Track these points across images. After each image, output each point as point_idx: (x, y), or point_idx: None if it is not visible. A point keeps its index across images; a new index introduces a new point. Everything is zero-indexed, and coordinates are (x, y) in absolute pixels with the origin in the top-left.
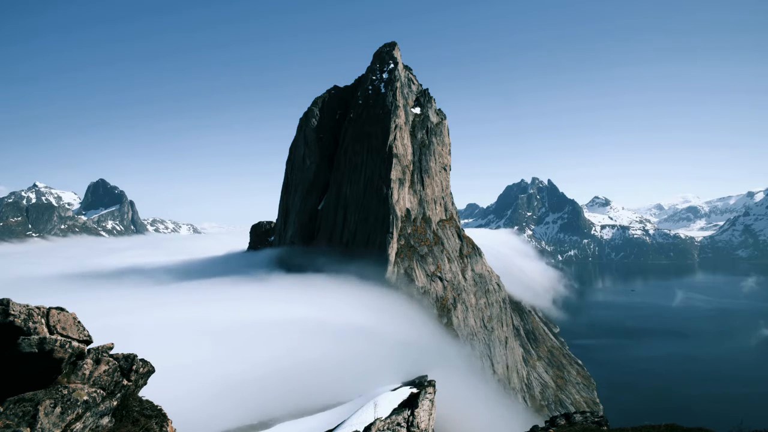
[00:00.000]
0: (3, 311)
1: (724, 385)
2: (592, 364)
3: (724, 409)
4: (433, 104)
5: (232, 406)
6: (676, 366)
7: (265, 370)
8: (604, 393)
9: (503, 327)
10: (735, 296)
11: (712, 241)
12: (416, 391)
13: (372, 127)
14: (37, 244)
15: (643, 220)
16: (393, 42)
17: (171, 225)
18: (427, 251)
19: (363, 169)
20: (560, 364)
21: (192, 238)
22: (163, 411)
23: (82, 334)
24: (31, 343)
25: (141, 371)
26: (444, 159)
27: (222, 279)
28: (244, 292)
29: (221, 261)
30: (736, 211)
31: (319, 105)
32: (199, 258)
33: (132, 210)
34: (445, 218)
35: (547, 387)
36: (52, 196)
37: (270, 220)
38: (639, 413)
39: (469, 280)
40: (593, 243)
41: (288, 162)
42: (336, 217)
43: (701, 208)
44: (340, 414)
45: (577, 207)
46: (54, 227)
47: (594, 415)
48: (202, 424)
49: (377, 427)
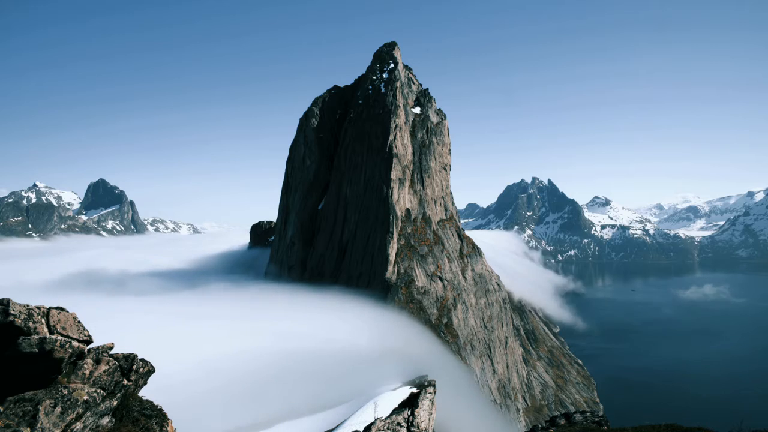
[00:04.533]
0: (3, 311)
1: (724, 385)
2: (592, 363)
3: (724, 409)
4: (433, 104)
5: (232, 405)
6: (676, 366)
7: (265, 371)
8: (604, 393)
9: (503, 327)
10: (735, 296)
11: (712, 240)
12: (416, 391)
13: (372, 127)
14: (38, 243)
15: (643, 219)
16: (393, 42)
17: (171, 225)
18: (427, 251)
19: (363, 169)
20: (560, 363)
21: (192, 238)
22: (163, 411)
23: (82, 334)
24: (31, 343)
25: (141, 371)
26: (444, 159)
27: (221, 283)
28: (244, 294)
29: (221, 262)
30: (736, 210)
31: (320, 105)
32: (199, 258)
33: (132, 210)
34: (445, 218)
35: (547, 387)
36: (52, 196)
37: (270, 220)
38: (639, 413)
39: (469, 279)
40: (593, 243)
41: (288, 162)
42: (336, 216)
43: (701, 208)
44: (340, 414)
45: (577, 207)
46: (54, 227)
47: (594, 415)
48: (202, 424)
49: (377, 427)
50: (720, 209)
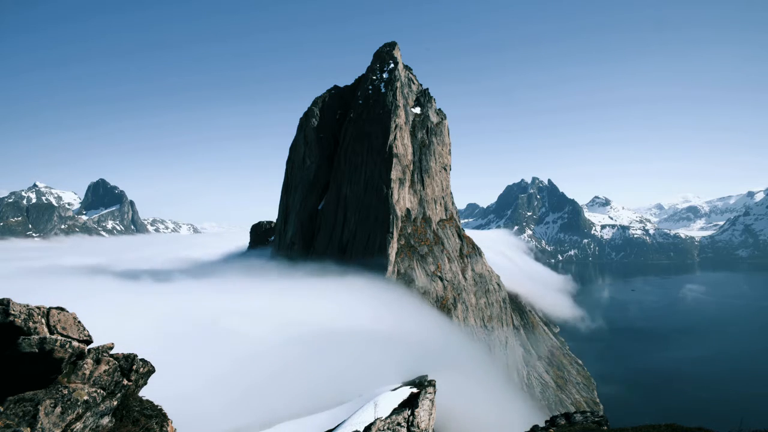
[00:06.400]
0: (3, 311)
1: (724, 385)
2: (592, 363)
3: (724, 409)
4: (433, 104)
5: (232, 405)
6: (676, 366)
7: (265, 370)
8: (604, 393)
9: (503, 327)
10: (735, 296)
11: (712, 240)
12: (416, 391)
13: (372, 127)
14: (38, 243)
15: (643, 219)
16: (393, 42)
17: (171, 225)
18: (427, 251)
19: (363, 169)
20: (560, 364)
21: (192, 238)
22: (164, 411)
23: (82, 334)
24: (31, 343)
25: (141, 371)
26: (444, 159)
27: (220, 279)
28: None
29: (221, 261)
30: (736, 210)
31: (320, 105)
32: (200, 258)
33: (132, 210)
34: (445, 218)
35: (548, 387)
36: (52, 196)
37: (270, 220)
38: (639, 413)
39: (469, 279)
40: (593, 243)
41: (288, 162)
42: (336, 217)
43: (701, 208)
44: (340, 414)
45: (577, 207)
46: (54, 227)
47: (594, 415)
48: (202, 424)
49: (377, 427)
50: (720, 209)
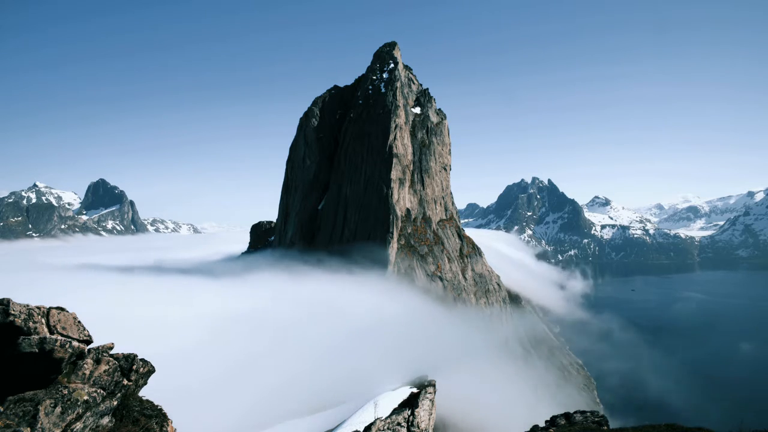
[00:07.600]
0: (3, 311)
1: (724, 385)
2: (592, 363)
3: (724, 409)
4: (433, 104)
5: (232, 405)
6: (676, 366)
7: (264, 370)
8: (604, 393)
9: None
10: (735, 296)
11: (713, 240)
12: (416, 391)
13: (372, 127)
14: (39, 243)
15: (643, 219)
16: (393, 42)
17: (171, 225)
18: (427, 251)
19: (363, 169)
20: (560, 364)
21: (192, 238)
22: (164, 411)
23: (82, 334)
24: (31, 343)
25: (141, 371)
26: (444, 159)
27: (221, 279)
28: (244, 291)
29: (221, 261)
30: (736, 210)
31: (320, 105)
32: (200, 258)
33: (132, 210)
34: (445, 218)
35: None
36: (52, 196)
37: (270, 220)
38: (639, 413)
39: (469, 279)
40: (593, 243)
41: (288, 162)
42: (336, 217)
43: (701, 208)
44: (340, 414)
45: (577, 207)
46: (54, 227)
47: (594, 415)
48: (203, 424)
49: (377, 427)
50: (720, 209)
